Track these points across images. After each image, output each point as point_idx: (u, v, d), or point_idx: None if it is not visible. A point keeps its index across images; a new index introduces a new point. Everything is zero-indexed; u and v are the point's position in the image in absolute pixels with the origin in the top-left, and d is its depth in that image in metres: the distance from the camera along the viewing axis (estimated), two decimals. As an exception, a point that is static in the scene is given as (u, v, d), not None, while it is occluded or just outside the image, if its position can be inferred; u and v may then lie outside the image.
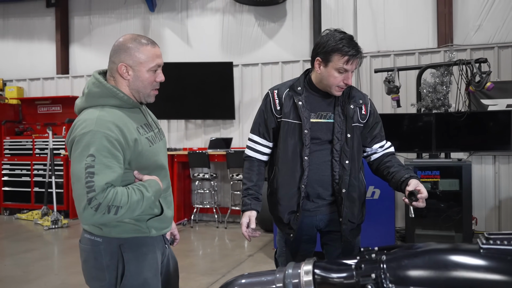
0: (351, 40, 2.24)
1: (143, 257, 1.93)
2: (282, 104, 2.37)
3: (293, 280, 1.53)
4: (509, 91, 6.13)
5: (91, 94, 1.89)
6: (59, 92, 8.88)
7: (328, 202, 2.39)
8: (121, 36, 1.98)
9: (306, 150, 2.31)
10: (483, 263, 1.35)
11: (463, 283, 1.31)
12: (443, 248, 1.47)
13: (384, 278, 1.37)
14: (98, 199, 1.70)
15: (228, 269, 5.02)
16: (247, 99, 7.69)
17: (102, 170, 1.73)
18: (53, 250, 6.27)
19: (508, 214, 6.28)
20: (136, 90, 1.95)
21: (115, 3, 8.56)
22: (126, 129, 1.84)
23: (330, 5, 7.24)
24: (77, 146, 1.77)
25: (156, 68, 1.95)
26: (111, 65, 1.95)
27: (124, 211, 1.75)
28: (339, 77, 2.26)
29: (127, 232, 1.90)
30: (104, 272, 1.90)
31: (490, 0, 6.45)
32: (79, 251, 2.01)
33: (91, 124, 1.78)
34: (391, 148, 2.52)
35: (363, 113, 2.39)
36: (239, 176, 7.09)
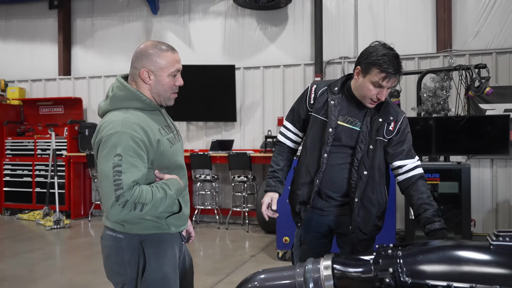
0: (393, 58, 2.24)
1: (163, 253, 2.02)
2: (316, 99, 2.47)
3: (313, 274, 1.62)
4: (506, 96, 6.25)
5: (116, 97, 1.98)
6: (60, 93, 8.94)
7: (339, 204, 2.47)
8: (142, 43, 2.07)
9: (326, 148, 2.40)
10: (493, 258, 1.44)
11: (475, 278, 1.40)
12: (455, 244, 1.57)
13: (401, 272, 1.46)
14: (126, 196, 1.80)
15: (231, 269, 5.10)
16: (249, 102, 7.78)
17: (129, 169, 1.83)
18: (57, 250, 6.33)
19: (505, 216, 6.40)
20: (157, 94, 2.04)
21: (118, 5, 8.63)
22: (150, 130, 1.94)
23: (331, 9, 7.36)
24: (104, 146, 1.87)
25: (176, 73, 2.04)
26: (133, 70, 2.04)
27: (149, 208, 1.85)
28: (374, 90, 2.29)
29: (148, 228, 1.99)
30: (126, 267, 1.99)
31: (488, 7, 6.58)
32: (101, 247, 2.09)
33: (117, 126, 1.88)
34: (416, 170, 2.44)
35: (390, 129, 2.41)
36: (240, 178, 7.18)
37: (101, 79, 8.69)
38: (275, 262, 5.33)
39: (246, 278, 1.83)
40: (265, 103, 7.70)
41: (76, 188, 8.25)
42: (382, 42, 2.33)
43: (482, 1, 6.61)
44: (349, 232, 2.45)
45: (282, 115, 7.52)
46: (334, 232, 2.57)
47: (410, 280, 1.44)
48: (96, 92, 8.75)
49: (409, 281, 1.44)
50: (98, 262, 5.44)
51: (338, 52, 7.29)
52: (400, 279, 1.45)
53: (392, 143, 2.44)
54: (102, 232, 2.08)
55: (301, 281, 1.62)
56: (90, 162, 7.92)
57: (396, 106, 2.51)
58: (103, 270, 5.34)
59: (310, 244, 2.56)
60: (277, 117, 7.54)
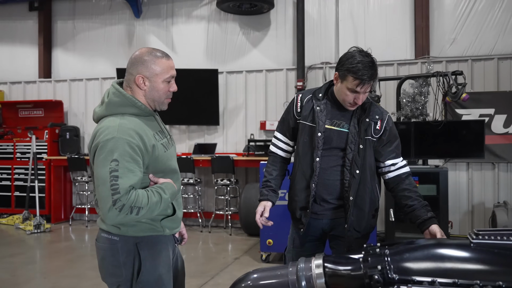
0: (368, 66, 2.32)
1: (158, 254, 2.07)
2: (303, 107, 2.57)
3: (306, 273, 1.71)
4: (481, 102, 6.48)
5: (111, 103, 2.03)
6: (41, 96, 8.85)
7: (334, 207, 2.56)
8: (137, 50, 2.13)
9: (318, 152, 2.50)
10: (474, 255, 1.56)
11: (457, 273, 1.51)
12: (438, 242, 1.68)
13: (389, 269, 1.56)
14: (122, 200, 1.85)
15: (216, 271, 5.15)
16: (231, 105, 7.85)
17: (125, 174, 1.88)
18: (39, 254, 6.27)
19: (481, 218, 6.61)
20: (152, 99, 2.10)
21: (100, 8, 8.60)
22: (145, 136, 1.99)
23: (313, 15, 7.49)
24: (101, 151, 1.92)
25: (170, 79, 2.11)
26: (128, 76, 2.09)
27: (144, 211, 1.91)
28: (350, 95, 2.40)
29: (143, 231, 2.04)
30: (121, 269, 2.03)
31: (464, 15, 6.81)
32: (96, 249, 2.13)
33: (113, 131, 1.93)
34: (405, 168, 2.56)
35: (377, 128, 2.50)
36: (224, 181, 7.23)
37: (83, 82, 8.64)
38: (259, 264, 5.40)
39: (240, 278, 1.90)
40: (247, 107, 7.78)
41: (57, 192, 8.17)
42: (360, 48, 2.42)
43: (458, 9, 6.83)
44: (344, 233, 2.54)
45: (264, 119, 7.61)
46: (327, 234, 2.65)
47: (397, 276, 1.55)
48: (77, 95, 8.69)
49: (396, 278, 1.54)
50: (82, 266, 5.45)
51: (319, 57, 7.43)
52: (388, 276, 1.55)
53: (382, 143, 2.53)
54: (97, 235, 2.12)
55: (294, 279, 1.71)
56: (71, 166, 7.87)
57: (380, 106, 2.64)
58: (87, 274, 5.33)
59: (304, 247, 2.64)
60: (259, 121, 7.62)
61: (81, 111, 8.65)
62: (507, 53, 6.60)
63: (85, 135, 8.60)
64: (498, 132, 6.47)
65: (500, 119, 6.48)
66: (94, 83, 8.59)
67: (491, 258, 1.52)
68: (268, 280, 1.79)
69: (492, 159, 6.46)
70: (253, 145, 7.32)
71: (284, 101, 7.49)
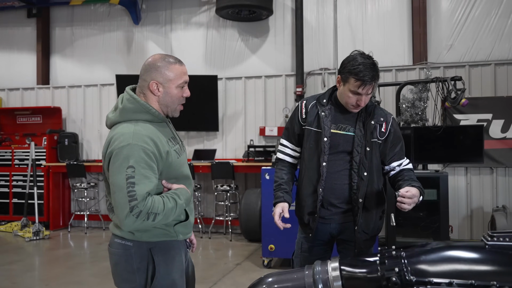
0: (369, 67, 2.37)
1: (172, 260, 2.08)
2: (308, 113, 2.61)
3: (322, 276, 1.72)
4: (479, 107, 6.54)
5: (125, 109, 2.05)
6: (39, 102, 8.83)
7: (342, 211, 2.58)
8: (149, 57, 2.15)
9: (324, 157, 2.52)
10: (489, 257, 1.58)
11: (474, 275, 1.53)
12: (454, 245, 1.70)
13: (406, 271, 1.58)
14: (140, 207, 1.87)
15: (218, 277, 5.14)
16: (231, 111, 7.87)
17: (141, 180, 1.90)
18: (39, 261, 6.24)
19: (479, 222, 6.66)
20: (165, 105, 2.12)
21: (98, 15, 8.62)
22: (159, 142, 2.01)
23: (311, 22, 7.55)
24: (116, 158, 1.93)
25: (184, 85, 2.13)
26: (142, 82, 2.11)
27: (161, 217, 1.93)
28: (353, 97, 2.44)
29: (157, 236, 2.05)
30: (135, 275, 2.04)
31: (461, 22, 6.89)
32: (109, 255, 2.13)
33: (128, 138, 1.94)
34: (408, 165, 2.62)
35: (383, 130, 2.54)
36: (224, 187, 7.24)
37: (81, 88, 8.63)
38: (260, 269, 5.40)
39: (254, 283, 1.91)
40: (247, 113, 7.80)
41: (55, 198, 8.14)
42: (361, 51, 2.47)
43: (455, 16, 6.91)
44: (352, 237, 2.56)
45: (263, 125, 7.64)
46: (335, 238, 2.67)
47: (414, 278, 1.56)
48: (75, 102, 8.68)
49: (414, 280, 1.56)
50: (82, 273, 5.43)
51: (318, 63, 7.48)
52: (406, 278, 1.57)
53: (388, 145, 2.57)
54: (110, 240, 2.13)
55: (311, 282, 1.72)
56: (70, 172, 7.85)
57: (384, 109, 2.68)
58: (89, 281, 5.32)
59: (312, 251, 2.66)
60: (259, 127, 7.65)
61: (79, 117, 8.64)
62: (504, 58, 6.68)
63: (84, 141, 8.58)
64: (496, 137, 6.53)
65: (497, 124, 6.55)
66: (92, 89, 8.59)
67: (507, 260, 1.55)
68: (284, 283, 1.80)
69: (490, 163, 6.52)
70: (253, 151, 7.35)
71: (284, 107, 7.53)
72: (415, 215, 5.46)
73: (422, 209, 5.42)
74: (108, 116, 2.12)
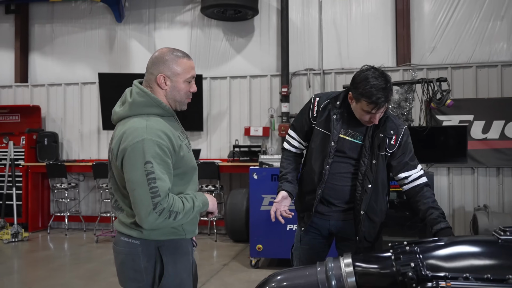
0: (381, 88, 2.28)
1: (180, 259, 2.04)
2: (319, 113, 2.55)
3: (335, 272, 1.71)
4: (461, 108, 6.67)
5: (136, 103, 1.99)
6: (17, 101, 8.59)
7: (342, 209, 2.58)
8: (156, 50, 2.10)
9: (329, 160, 2.49)
10: (504, 251, 1.59)
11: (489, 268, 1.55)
12: (467, 240, 1.72)
13: (422, 266, 1.58)
14: (163, 204, 1.84)
15: (206, 278, 5.09)
16: (215, 111, 7.83)
17: (161, 176, 1.86)
18: (19, 264, 6.07)
19: (461, 221, 6.79)
20: (172, 99, 2.07)
21: (80, 12, 8.45)
22: (173, 136, 1.97)
23: (296, 23, 7.57)
24: (132, 154, 1.87)
25: (191, 79, 2.09)
26: (148, 76, 2.06)
27: (181, 216, 1.91)
28: (366, 116, 2.37)
29: (165, 234, 2.00)
30: (142, 274, 1.99)
31: (443, 25, 7.02)
32: (114, 254, 2.08)
33: (142, 133, 1.89)
34: (421, 179, 2.51)
35: (392, 143, 2.47)
36: (209, 187, 7.18)
37: (62, 87, 8.44)
38: (248, 270, 5.37)
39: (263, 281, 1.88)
40: (232, 113, 7.77)
41: (34, 199, 7.93)
42: (372, 68, 2.36)
43: (437, 19, 7.04)
44: (351, 235, 2.56)
45: (249, 125, 7.62)
46: (333, 235, 2.67)
47: (430, 273, 1.57)
48: (55, 100, 8.47)
49: (430, 274, 1.56)
50: (65, 275, 5.30)
51: (303, 64, 7.50)
52: (421, 273, 1.57)
53: (395, 156, 2.50)
54: (115, 239, 2.07)
55: (323, 278, 1.71)
56: (50, 172, 7.67)
57: (397, 119, 2.58)
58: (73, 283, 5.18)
59: (310, 244, 2.66)
60: (244, 127, 7.62)
61: (59, 116, 8.44)
62: (485, 61, 6.84)
63: (64, 141, 8.39)
64: (477, 137, 6.67)
65: (479, 125, 6.69)
66: (73, 88, 8.40)
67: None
68: (296, 280, 1.78)
69: (471, 164, 6.65)
70: (238, 151, 7.31)
71: (269, 107, 7.53)
72: (401, 215, 5.52)
73: (408, 208, 5.47)
74: (115, 110, 2.06)
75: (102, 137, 8.23)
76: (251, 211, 5.43)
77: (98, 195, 7.91)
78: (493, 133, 6.65)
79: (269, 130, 7.49)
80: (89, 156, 8.19)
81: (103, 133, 8.17)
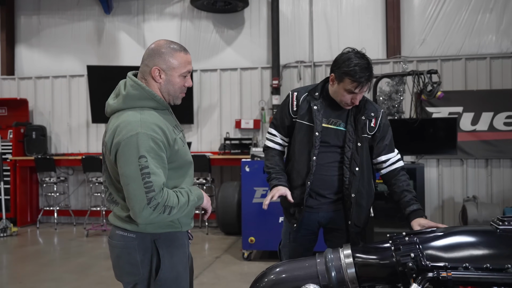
0: (365, 67, 2.37)
1: (176, 251, 2.03)
2: (299, 106, 2.58)
3: (335, 263, 1.71)
4: (451, 100, 6.72)
5: (129, 96, 1.96)
6: (3, 94, 8.45)
7: (331, 201, 2.59)
8: (153, 42, 2.06)
9: (315, 151, 2.51)
10: (502, 241, 1.61)
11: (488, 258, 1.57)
12: (466, 230, 1.73)
13: (422, 256, 1.59)
14: (157, 199, 1.81)
15: (199, 270, 5.08)
16: (206, 104, 7.79)
17: (156, 171, 1.84)
18: (8, 259, 5.99)
19: (450, 212, 6.86)
20: (167, 93, 2.05)
21: (67, 4, 8.31)
22: (167, 130, 1.95)
23: (287, 15, 7.54)
24: (126, 148, 1.85)
25: (187, 74, 2.06)
26: (143, 67, 2.02)
27: (175, 211, 1.89)
28: (348, 96, 2.43)
29: (161, 227, 1.99)
30: (138, 267, 1.97)
31: (433, 17, 7.05)
32: (109, 248, 2.06)
33: (136, 127, 1.87)
34: (398, 163, 2.60)
35: (372, 125, 2.54)
36: (200, 180, 7.15)
37: (49, 79, 8.31)
38: (241, 262, 5.38)
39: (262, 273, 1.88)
40: (222, 106, 7.73)
41: (23, 194, 7.83)
42: (355, 50, 2.45)
43: (427, 11, 7.06)
44: (341, 226, 2.59)
45: (239, 118, 7.60)
46: (322, 227, 2.69)
47: (430, 263, 1.58)
48: (43, 93, 8.35)
49: (430, 265, 1.57)
50: (56, 270, 5.26)
51: (294, 56, 7.49)
52: (421, 263, 1.58)
53: (376, 139, 2.57)
54: (111, 232, 2.05)
55: (323, 269, 1.72)
56: (39, 166, 7.57)
57: (374, 103, 2.68)
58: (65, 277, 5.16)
59: (301, 241, 2.67)
60: (234, 120, 7.60)
61: (47, 109, 8.33)
62: (474, 53, 6.89)
63: (52, 134, 8.29)
64: (466, 129, 6.73)
65: (468, 117, 6.75)
66: (61, 80, 8.29)
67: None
68: (295, 272, 1.78)
69: (460, 155, 6.71)
70: (229, 144, 7.29)
71: (259, 100, 7.51)
72: (391, 206, 5.55)
73: (399, 199, 5.52)
74: (108, 103, 2.03)
75: (91, 131, 8.15)
76: (243, 204, 5.43)
77: (87, 189, 7.84)
78: (482, 125, 6.71)
79: (260, 122, 7.48)
80: (78, 150, 8.11)
81: (92, 126, 8.09)
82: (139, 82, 1.98)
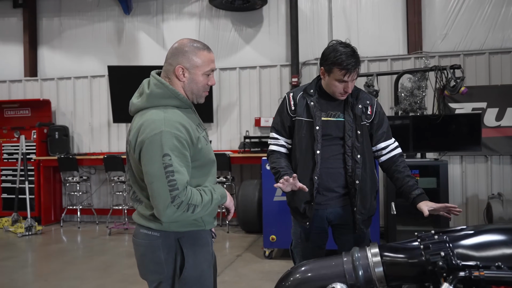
0: (350, 55, 2.46)
1: (200, 250, 2.03)
2: (296, 105, 2.66)
3: (362, 262, 1.68)
4: (474, 96, 6.58)
5: (153, 94, 1.97)
6: (27, 95, 8.61)
7: (339, 195, 2.61)
8: (176, 41, 2.07)
9: (318, 145, 2.56)
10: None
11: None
12: (497, 228, 1.68)
13: (452, 255, 1.55)
14: (181, 197, 1.82)
15: (221, 268, 5.08)
16: (225, 102, 7.80)
17: (179, 169, 1.84)
18: (33, 257, 6.11)
19: (475, 210, 6.73)
20: (190, 91, 2.05)
21: (87, 5, 8.42)
22: (191, 129, 1.95)
23: (306, 12, 7.50)
24: (150, 147, 1.85)
25: (210, 73, 2.06)
26: (167, 66, 2.03)
27: (199, 209, 1.89)
28: (340, 86, 2.52)
29: (185, 226, 1.99)
30: (163, 266, 1.98)
31: (455, 11, 6.92)
32: (134, 246, 2.07)
33: (160, 125, 1.87)
34: (397, 149, 2.68)
35: (369, 113, 2.63)
36: (220, 179, 7.17)
37: (71, 80, 8.44)
38: (262, 260, 5.37)
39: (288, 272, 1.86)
40: (241, 104, 7.73)
41: (46, 193, 7.96)
42: (339, 41, 2.56)
43: (449, 5, 6.94)
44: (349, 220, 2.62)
45: (259, 116, 7.58)
46: (331, 224, 2.70)
47: (461, 262, 1.54)
48: (65, 94, 8.48)
49: (461, 264, 1.53)
50: (80, 268, 5.33)
51: (313, 53, 7.43)
52: (452, 262, 1.54)
53: (374, 127, 2.66)
54: (135, 231, 2.06)
55: (350, 268, 1.69)
56: (62, 166, 7.69)
57: (366, 92, 2.82)
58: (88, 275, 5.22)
59: (313, 240, 2.69)
60: (254, 118, 7.59)
61: (69, 110, 8.45)
62: (498, 47, 6.74)
63: (74, 134, 8.42)
64: (491, 125, 6.60)
65: (492, 112, 6.61)
66: (82, 81, 8.40)
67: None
68: (321, 271, 1.76)
69: (485, 152, 6.58)
70: (249, 142, 7.29)
71: (279, 98, 7.47)
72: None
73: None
74: (132, 101, 2.04)
75: (113, 130, 8.24)
76: (264, 202, 5.41)
77: (109, 188, 7.93)
78: (507, 121, 6.56)
79: (279, 120, 7.44)
80: (100, 149, 8.21)
81: (113, 126, 8.18)
82: (162, 80, 1.99)
